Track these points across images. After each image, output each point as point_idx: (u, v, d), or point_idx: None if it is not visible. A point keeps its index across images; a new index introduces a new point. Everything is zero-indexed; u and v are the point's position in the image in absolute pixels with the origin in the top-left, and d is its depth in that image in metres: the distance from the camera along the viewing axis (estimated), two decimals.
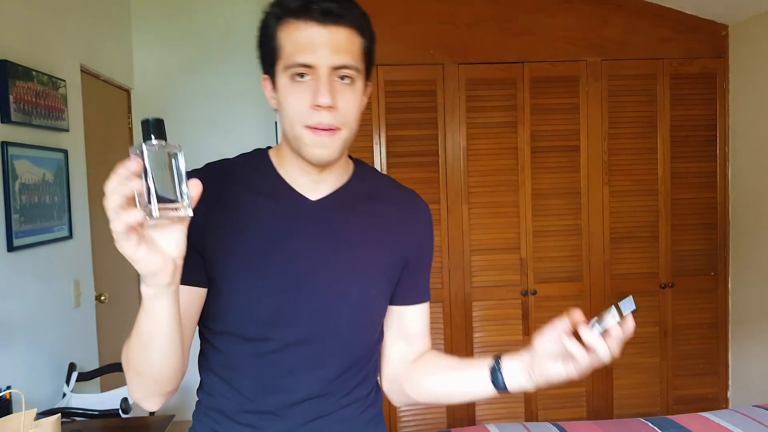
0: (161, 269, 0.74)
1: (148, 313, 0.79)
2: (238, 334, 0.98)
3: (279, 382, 0.98)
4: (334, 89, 0.91)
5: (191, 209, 0.73)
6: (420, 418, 3.19)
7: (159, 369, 0.85)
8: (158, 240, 0.74)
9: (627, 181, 3.26)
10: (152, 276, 0.74)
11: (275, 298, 0.96)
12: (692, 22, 3.27)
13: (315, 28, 0.91)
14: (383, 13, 3.15)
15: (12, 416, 1.49)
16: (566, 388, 3.26)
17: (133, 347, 0.84)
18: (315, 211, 1.00)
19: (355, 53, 0.94)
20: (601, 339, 0.89)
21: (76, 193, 2.53)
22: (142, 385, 0.88)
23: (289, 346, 0.97)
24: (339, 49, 0.91)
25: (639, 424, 2.22)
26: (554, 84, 3.20)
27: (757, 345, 3.20)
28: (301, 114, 0.92)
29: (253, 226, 0.97)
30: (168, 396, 0.91)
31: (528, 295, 3.21)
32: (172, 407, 3.11)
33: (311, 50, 0.91)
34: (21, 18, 2.19)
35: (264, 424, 0.99)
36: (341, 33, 0.92)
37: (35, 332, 2.19)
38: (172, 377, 0.88)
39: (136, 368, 0.86)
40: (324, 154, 0.94)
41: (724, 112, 3.31)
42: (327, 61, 0.90)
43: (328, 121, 0.91)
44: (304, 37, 0.91)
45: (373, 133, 3.11)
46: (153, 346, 0.82)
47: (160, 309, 0.78)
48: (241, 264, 0.96)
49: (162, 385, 0.88)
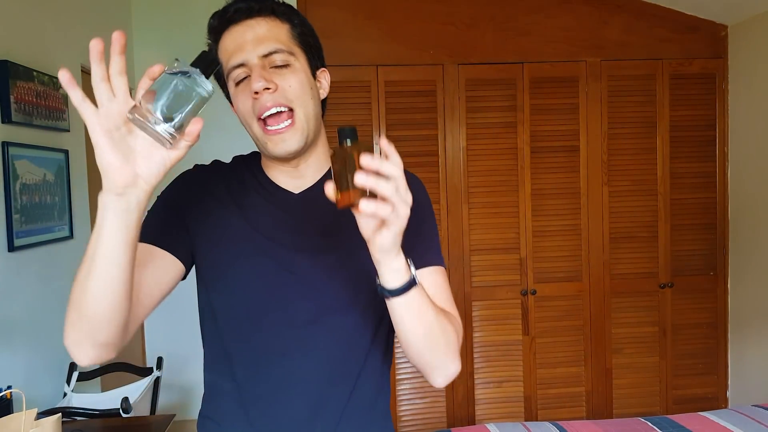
0: (117, 171, 0.72)
1: (98, 226, 0.76)
2: (231, 319, 1.00)
3: (273, 367, 0.99)
4: (269, 74, 0.94)
5: (175, 139, 0.72)
6: (420, 418, 3.19)
7: (96, 303, 0.79)
8: (136, 150, 0.74)
9: (626, 181, 3.26)
10: (105, 174, 0.73)
11: (266, 281, 0.98)
12: (692, 22, 3.28)
13: (235, 29, 0.96)
14: (383, 13, 3.15)
15: (13, 416, 1.49)
16: (566, 387, 3.27)
17: (78, 277, 0.79)
18: (300, 204, 1.03)
19: (282, 38, 0.96)
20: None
21: (76, 193, 2.54)
22: (77, 325, 0.83)
23: (282, 328, 0.98)
24: (262, 39, 0.95)
25: (639, 423, 2.23)
26: (554, 84, 3.20)
27: (756, 344, 3.20)
28: (248, 109, 0.95)
29: (242, 220, 1.00)
30: (100, 350, 0.84)
31: (528, 294, 3.22)
32: (173, 407, 3.12)
33: (238, 50, 0.95)
34: (22, 18, 2.20)
35: (261, 410, 0.99)
36: (260, 24, 0.96)
37: (36, 332, 2.20)
38: (108, 322, 0.81)
39: (77, 302, 0.80)
40: (283, 146, 0.95)
41: (724, 112, 3.31)
42: (253, 54, 0.94)
43: (273, 101, 0.93)
44: (230, 41, 0.96)
45: (373, 134, 3.11)
46: (95, 272, 0.77)
47: (109, 225, 0.75)
48: (234, 252, 0.99)
49: (96, 329, 0.82)
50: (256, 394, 1.00)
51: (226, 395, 1.02)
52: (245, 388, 1.00)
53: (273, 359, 0.99)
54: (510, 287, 3.22)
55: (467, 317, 3.21)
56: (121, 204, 0.74)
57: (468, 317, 3.21)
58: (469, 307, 3.21)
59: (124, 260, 0.77)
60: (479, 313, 3.22)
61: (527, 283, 3.22)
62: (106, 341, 0.84)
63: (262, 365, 0.99)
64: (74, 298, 0.81)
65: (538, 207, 3.21)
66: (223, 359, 1.02)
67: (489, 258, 3.21)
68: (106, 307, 0.80)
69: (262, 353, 0.99)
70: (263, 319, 0.99)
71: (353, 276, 1.01)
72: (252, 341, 1.00)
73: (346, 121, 3.24)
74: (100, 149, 0.72)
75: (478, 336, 3.22)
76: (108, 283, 0.78)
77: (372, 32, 3.14)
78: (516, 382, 3.24)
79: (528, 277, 3.22)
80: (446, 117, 3.15)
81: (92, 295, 0.79)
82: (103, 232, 0.76)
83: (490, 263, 3.21)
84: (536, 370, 3.25)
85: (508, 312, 3.23)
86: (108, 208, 0.74)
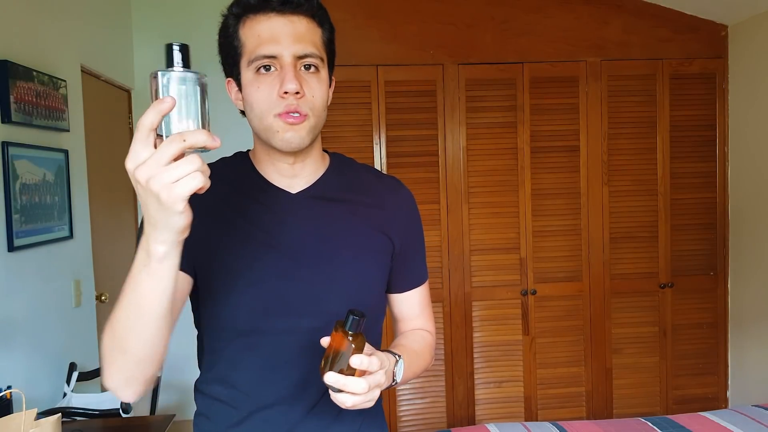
0: (185, 217, 0.68)
1: (153, 275, 0.72)
2: (232, 328, 0.98)
3: (275, 373, 0.99)
4: (300, 77, 0.92)
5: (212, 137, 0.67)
6: (420, 418, 3.19)
7: (150, 345, 0.79)
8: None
9: (626, 181, 3.26)
10: (179, 230, 0.68)
11: (266, 288, 0.97)
12: (692, 22, 3.28)
13: (275, 19, 0.93)
14: (383, 13, 3.15)
15: (12, 416, 1.49)
16: (566, 387, 3.27)
17: (121, 320, 0.77)
18: (297, 202, 1.02)
19: (317, 42, 0.95)
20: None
21: (76, 193, 2.54)
22: (123, 367, 0.81)
23: (283, 335, 0.98)
24: (301, 38, 0.93)
25: (639, 423, 2.23)
26: (554, 84, 3.20)
27: (756, 344, 3.20)
28: (270, 104, 0.93)
29: (241, 223, 0.99)
30: (147, 384, 0.85)
31: (528, 295, 3.22)
32: (173, 407, 3.12)
33: (274, 41, 0.92)
34: (22, 18, 2.20)
35: (264, 416, 1.00)
36: (302, 22, 0.94)
37: (36, 332, 2.19)
38: (157, 358, 0.82)
39: (121, 345, 0.79)
40: (294, 138, 0.94)
41: (724, 112, 3.31)
42: (290, 50, 0.92)
43: (297, 107, 0.92)
44: (265, 29, 0.93)
45: (373, 133, 3.11)
46: (148, 316, 0.76)
47: (167, 270, 0.72)
48: (233, 260, 0.97)
49: (145, 368, 0.82)
50: (260, 404, 1.00)
51: (229, 413, 1.02)
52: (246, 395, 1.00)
53: (276, 366, 0.99)
54: (510, 287, 3.22)
55: (467, 317, 3.21)
56: (180, 247, 0.72)
57: (468, 317, 3.21)
58: (469, 307, 3.21)
59: (174, 293, 0.77)
60: (479, 313, 3.22)
61: (527, 283, 3.22)
62: (153, 375, 0.85)
63: (266, 371, 0.99)
64: (119, 341, 0.79)
65: (538, 207, 3.21)
66: (223, 365, 1.02)
67: (489, 258, 3.21)
68: (158, 344, 0.80)
69: (267, 359, 0.99)
70: (265, 325, 0.98)
71: (354, 278, 1.02)
72: (254, 348, 0.99)
73: (346, 121, 3.24)
74: (186, 210, 0.67)
75: (478, 336, 3.22)
76: (162, 322, 0.77)
77: (372, 32, 3.14)
78: (516, 382, 3.24)
79: (528, 277, 3.22)
80: (446, 117, 3.15)
81: (146, 335, 0.78)
82: (159, 277, 0.72)
83: (490, 263, 3.21)
84: (536, 370, 3.25)
85: (508, 312, 3.23)
86: (167, 256, 0.71)
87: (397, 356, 0.98)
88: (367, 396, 0.83)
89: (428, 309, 1.17)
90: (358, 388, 0.81)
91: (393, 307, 1.15)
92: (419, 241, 1.14)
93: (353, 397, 0.82)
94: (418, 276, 1.14)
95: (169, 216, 0.66)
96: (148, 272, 0.72)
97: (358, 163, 1.13)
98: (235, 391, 1.01)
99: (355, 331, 0.82)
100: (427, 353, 1.13)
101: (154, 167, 0.64)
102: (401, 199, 1.11)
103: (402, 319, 1.16)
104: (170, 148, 0.64)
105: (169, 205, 0.65)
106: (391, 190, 1.11)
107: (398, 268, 1.09)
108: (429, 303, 1.18)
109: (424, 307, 1.16)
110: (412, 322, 1.15)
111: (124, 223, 3.16)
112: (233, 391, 1.01)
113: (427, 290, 1.17)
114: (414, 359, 1.05)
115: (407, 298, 1.14)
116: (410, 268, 1.12)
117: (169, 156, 0.64)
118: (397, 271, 1.09)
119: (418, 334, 1.14)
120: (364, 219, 1.04)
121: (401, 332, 1.16)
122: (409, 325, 1.15)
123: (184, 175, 0.64)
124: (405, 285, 1.13)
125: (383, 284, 1.09)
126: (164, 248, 0.70)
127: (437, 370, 3.20)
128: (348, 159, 1.12)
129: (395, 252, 1.07)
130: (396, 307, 1.15)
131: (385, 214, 1.07)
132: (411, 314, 1.15)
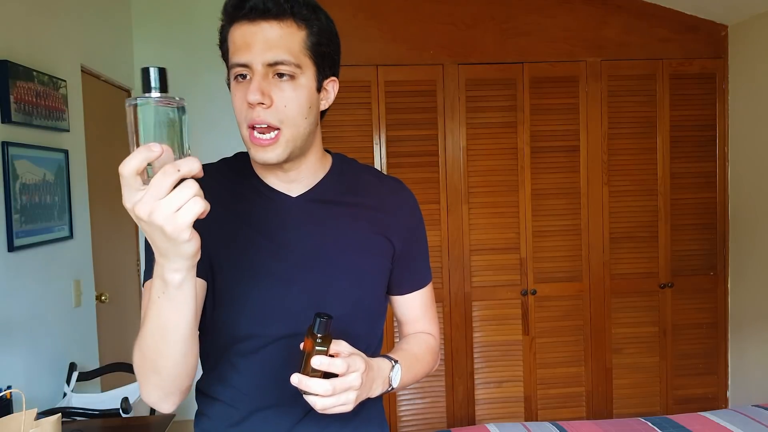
0: (195, 244, 0.69)
1: (174, 301, 0.74)
2: (232, 332, 0.98)
3: (275, 376, 0.99)
4: (269, 86, 0.90)
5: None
6: (420, 418, 3.19)
7: (182, 362, 0.81)
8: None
9: (626, 181, 3.26)
10: (190, 256, 0.69)
11: (266, 293, 0.97)
12: (692, 22, 3.28)
13: (246, 27, 0.91)
14: (383, 13, 3.16)
15: (12, 416, 1.49)
16: (566, 387, 3.27)
17: (149, 344, 0.79)
18: (298, 206, 1.01)
19: (293, 48, 0.91)
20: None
21: (76, 193, 2.54)
22: (160, 384, 0.84)
23: (283, 339, 0.98)
24: (271, 46, 0.90)
25: (639, 423, 2.23)
26: (554, 84, 3.20)
27: (756, 344, 3.20)
28: (241, 113, 0.92)
29: (241, 227, 0.98)
30: (185, 394, 0.87)
31: (528, 295, 3.22)
32: None
33: (245, 49, 0.90)
34: (21, 18, 2.20)
35: (263, 416, 1.00)
36: (273, 29, 0.90)
37: (36, 332, 2.19)
38: (191, 371, 0.85)
39: (154, 366, 0.81)
40: (268, 157, 0.92)
41: (724, 112, 3.31)
42: (259, 59, 0.90)
43: (263, 118, 0.90)
44: (238, 37, 0.91)
45: (373, 133, 3.11)
46: (176, 338, 0.78)
47: (187, 294, 0.74)
48: (233, 264, 0.97)
49: (181, 382, 0.84)
50: (260, 406, 1.00)
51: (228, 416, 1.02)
52: (246, 395, 1.00)
53: (276, 369, 0.98)
54: (510, 287, 3.22)
55: (467, 317, 3.21)
56: (194, 270, 0.73)
57: (468, 317, 3.21)
58: (469, 307, 3.21)
59: (195, 316, 0.79)
60: (479, 313, 3.22)
61: (527, 283, 3.22)
62: (189, 386, 0.88)
63: (266, 374, 0.99)
64: (151, 364, 0.82)
65: (538, 207, 3.21)
66: (223, 368, 1.01)
67: (489, 258, 3.21)
68: (190, 360, 0.83)
69: (267, 363, 0.99)
70: (265, 330, 0.98)
71: (354, 281, 1.02)
72: (255, 352, 0.99)
73: (346, 121, 3.24)
74: (192, 235, 0.68)
75: (478, 336, 3.22)
76: (190, 341, 0.80)
77: (372, 32, 3.14)
78: (516, 382, 3.24)
79: (528, 277, 3.22)
80: (446, 117, 3.15)
81: (176, 356, 0.80)
82: (180, 302, 0.74)
83: (490, 263, 3.21)
84: (536, 370, 3.25)
85: (508, 312, 3.23)
86: (184, 282, 0.73)
87: (393, 361, 0.97)
88: (338, 399, 0.82)
89: (431, 311, 1.17)
90: (320, 390, 0.80)
91: (396, 309, 1.15)
92: (421, 244, 1.13)
93: (322, 399, 0.81)
94: (420, 278, 1.14)
95: (177, 245, 0.67)
96: (167, 298, 0.74)
97: (360, 164, 1.12)
98: (235, 391, 1.01)
99: (323, 333, 0.82)
100: (429, 357, 1.12)
101: (152, 201, 0.64)
102: (402, 201, 1.10)
103: (405, 322, 1.16)
104: (166, 180, 0.63)
105: (175, 236, 0.66)
106: (393, 192, 1.10)
107: (400, 271, 1.09)
108: (433, 305, 1.17)
109: (427, 310, 1.16)
110: (415, 324, 1.15)
111: (124, 223, 3.16)
112: (233, 391, 1.01)
113: (430, 293, 1.16)
114: (414, 363, 1.05)
115: (409, 301, 1.13)
116: (412, 271, 1.12)
117: (167, 189, 0.64)
118: (399, 274, 1.09)
119: (420, 338, 1.13)
120: (365, 222, 1.04)
121: (404, 335, 1.16)
122: (412, 328, 1.15)
123: (184, 201, 0.64)
124: (407, 287, 1.12)
125: (383, 287, 1.08)
126: (180, 276, 0.71)
127: (437, 370, 3.20)
128: (350, 160, 1.11)
129: (396, 254, 1.06)
130: (398, 310, 1.15)
131: (386, 217, 1.06)
132: (413, 316, 1.15)
